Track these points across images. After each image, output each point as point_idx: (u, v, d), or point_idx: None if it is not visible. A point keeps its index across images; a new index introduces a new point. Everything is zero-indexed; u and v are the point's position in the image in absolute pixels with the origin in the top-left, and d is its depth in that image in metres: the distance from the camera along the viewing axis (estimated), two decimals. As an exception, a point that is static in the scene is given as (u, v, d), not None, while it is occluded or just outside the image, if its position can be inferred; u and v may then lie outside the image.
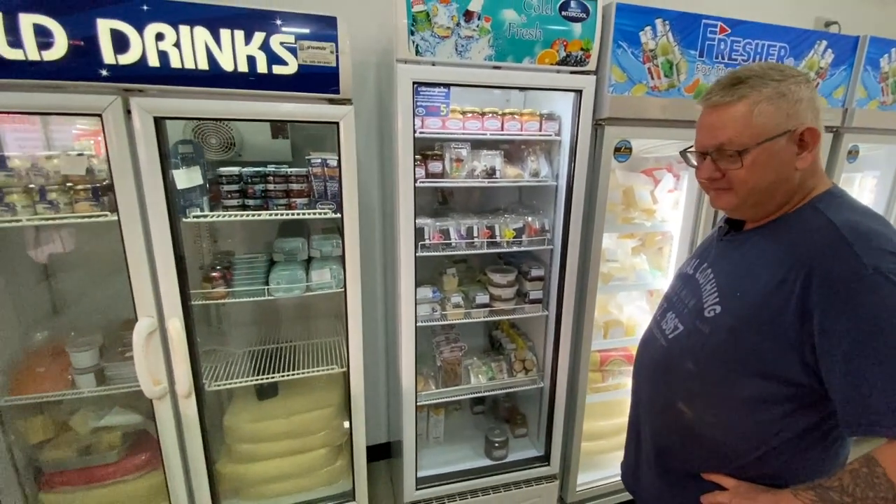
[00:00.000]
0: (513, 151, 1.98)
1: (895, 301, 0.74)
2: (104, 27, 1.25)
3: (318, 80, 1.45)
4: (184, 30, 1.31)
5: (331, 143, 1.56)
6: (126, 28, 1.27)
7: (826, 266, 0.80)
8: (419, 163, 1.72)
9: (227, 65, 1.37)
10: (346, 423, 1.92)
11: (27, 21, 1.20)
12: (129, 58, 1.30)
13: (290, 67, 1.42)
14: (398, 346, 1.86)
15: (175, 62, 1.33)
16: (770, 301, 0.86)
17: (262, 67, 1.40)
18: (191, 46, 1.33)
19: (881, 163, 2.47)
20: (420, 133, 1.65)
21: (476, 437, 2.26)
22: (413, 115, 1.57)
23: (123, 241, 1.43)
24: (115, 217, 1.42)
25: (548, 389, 2.09)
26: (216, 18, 1.33)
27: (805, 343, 0.82)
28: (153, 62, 1.32)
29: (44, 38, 1.22)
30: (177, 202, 1.51)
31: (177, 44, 1.31)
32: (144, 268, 1.47)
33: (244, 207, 1.66)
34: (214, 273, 1.70)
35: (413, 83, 1.54)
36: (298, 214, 1.69)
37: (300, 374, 1.81)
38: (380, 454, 2.61)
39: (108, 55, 1.28)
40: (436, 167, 1.76)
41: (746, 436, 0.94)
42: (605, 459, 2.30)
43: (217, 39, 1.34)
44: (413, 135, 1.59)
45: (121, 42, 1.28)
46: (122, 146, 1.37)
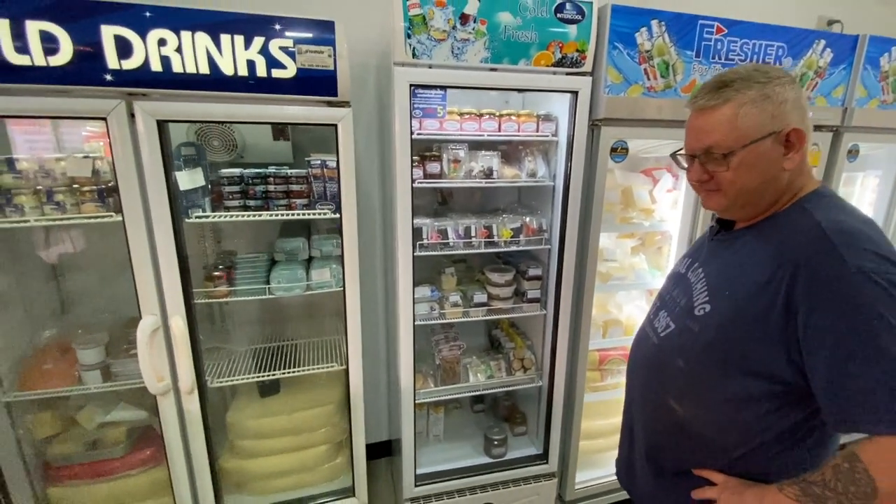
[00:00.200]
0: (510, 152, 2.00)
1: (877, 300, 0.75)
2: (108, 33, 1.29)
3: (317, 84, 1.48)
4: (185, 35, 1.34)
5: (331, 145, 1.59)
6: (129, 34, 1.31)
7: (811, 266, 0.81)
8: (417, 164, 1.74)
9: (228, 69, 1.40)
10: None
11: (33, 28, 1.24)
12: (133, 63, 1.34)
13: (289, 71, 1.45)
14: (397, 345, 1.88)
15: (177, 67, 1.37)
16: (757, 300, 0.87)
17: (262, 71, 1.43)
18: (192, 51, 1.36)
19: (883, 162, 2.46)
20: (417, 134, 1.67)
21: (476, 436, 2.28)
22: (410, 118, 1.60)
23: (128, 241, 1.47)
24: (120, 218, 1.46)
25: (546, 388, 2.10)
26: (216, 24, 1.36)
27: (791, 341, 0.83)
28: (156, 67, 1.35)
29: (50, 44, 1.26)
30: (179, 203, 1.55)
31: (178, 49, 1.35)
32: (148, 267, 1.51)
33: (245, 208, 1.69)
34: (217, 272, 1.73)
35: (410, 86, 1.56)
36: (298, 215, 1.72)
37: (300, 372, 1.85)
38: (381, 452, 2.64)
39: (112, 60, 1.32)
40: (434, 168, 1.79)
41: (735, 432, 0.96)
42: (605, 458, 2.31)
43: (217, 44, 1.37)
44: (410, 136, 1.61)
45: (124, 47, 1.32)
46: (126, 149, 1.41)
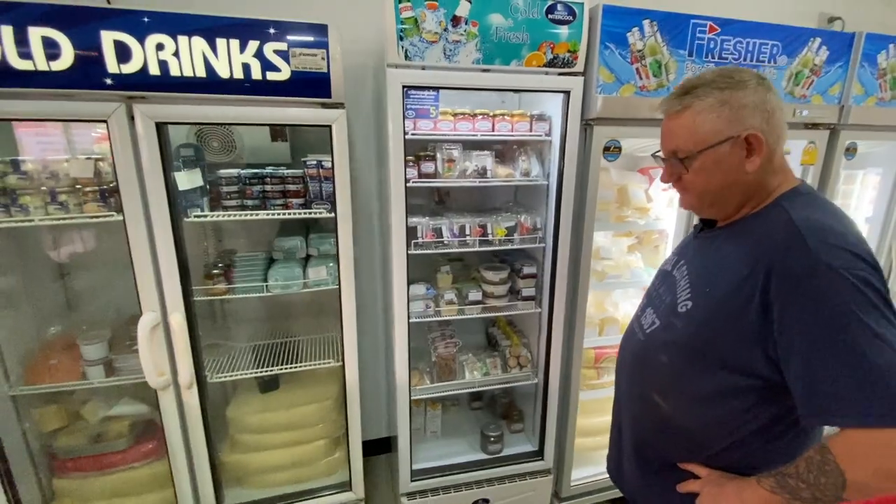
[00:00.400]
0: (505, 152, 2.02)
1: (846, 296, 0.77)
2: (108, 38, 1.33)
3: (311, 86, 1.52)
4: (182, 40, 1.38)
5: (329, 146, 1.62)
6: (128, 39, 1.35)
7: (784, 262, 0.83)
8: (412, 163, 1.77)
9: (224, 72, 1.44)
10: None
11: (36, 34, 1.28)
12: (132, 67, 1.38)
13: (283, 74, 1.48)
14: (392, 341, 1.91)
15: (174, 70, 1.41)
16: (735, 296, 0.89)
17: (257, 74, 1.46)
18: (189, 55, 1.40)
19: (884, 160, 2.45)
20: (412, 135, 1.70)
21: (473, 433, 2.30)
22: (403, 118, 1.62)
23: (128, 240, 1.51)
24: (121, 217, 1.50)
25: (541, 385, 2.12)
26: (212, 28, 1.40)
27: (767, 337, 0.85)
28: (154, 71, 1.40)
29: (51, 50, 1.31)
30: (179, 203, 1.59)
31: (176, 53, 1.39)
32: (148, 265, 1.55)
33: (243, 207, 1.74)
34: (216, 270, 1.78)
35: (403, 87, 1.59)
36: (294, 214, 1.76)
37: (297, 368, 1.89)
38: (381, 448, 2.68)
39: (112, 65, 1.36)
40: (428, 167, 1.81)
41: (715, 426, 0.98)
42: (602, 455, 2.26)
43: (213, 48, 1.41)
44: (403, 137, 1.64)
45: (123, 52, 1.36)
46: (127, 150, 1.45)
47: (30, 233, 1.79)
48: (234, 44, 1.42)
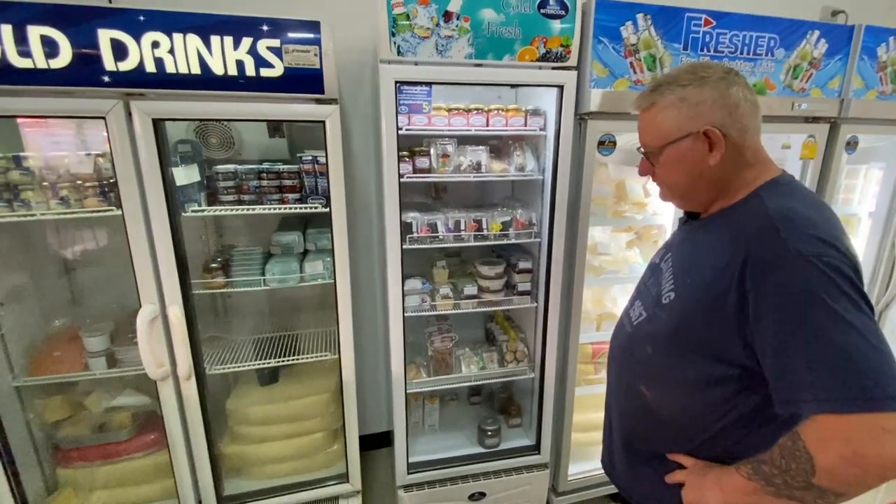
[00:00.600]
0: (500, 147, 2.03)
1: (817, 283, 0.77)
2: (104, 37, 1.36)
3: (304, 82, 1.54)
4: (177, 37, 1.41)
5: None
6: (124, 37, 1.38)
7: (758, 251, 0.84)
8: (407, 158, 1.78)
9: (218, 69, 1.46)
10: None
11: (35, 32, 1.32)
12: (128, 64, 1.41)
13: (277, 70, 1.50)
14: (388, 335, 1.93)
15: (170, 68, 1.43)
16: (714, 286, 0.90)
17: (251, 70, 1.49)
18: (184, 53, 1.43)
19: (887, 154, 2.41)
20: (406, 130, 1.71)
21: (471, 427, 2.31)
22: (396, 114, 1.64)
23: (127, 234, 1.55)
24: (120, 212, 1.54)
25: (538, 380, 2.13)
26: (206, 26, 1.42)
27: (745, 326, 0.85)
28: (150, 68, 1.42)
29: (50, 48, 1.34)
30: (176, 198, 1.62)
31: (171, 51, 1.42)
32: (147, 258, 1.58)
33: (239, 202, 1.76)
34: (214, 264, 1.81)
35: (396, 82, 1.60)
36: (290, 209, 1.78)
37: (294, 360, 1.92)
38: (382, 442, 2.70)
39: (109, 62, 1.39)
40: (423, 163, 1.83)
41: (698, 416, 0.99)
42: (599, 450, 2.31)
43: (208, 45, 1.44)
44: (396, 132, 1.65)
45: (120, 50, 1.39)
46: (125, 146, 1.48)
47: (35, 228, 1.83)
48: (228, 41, 1.45)
